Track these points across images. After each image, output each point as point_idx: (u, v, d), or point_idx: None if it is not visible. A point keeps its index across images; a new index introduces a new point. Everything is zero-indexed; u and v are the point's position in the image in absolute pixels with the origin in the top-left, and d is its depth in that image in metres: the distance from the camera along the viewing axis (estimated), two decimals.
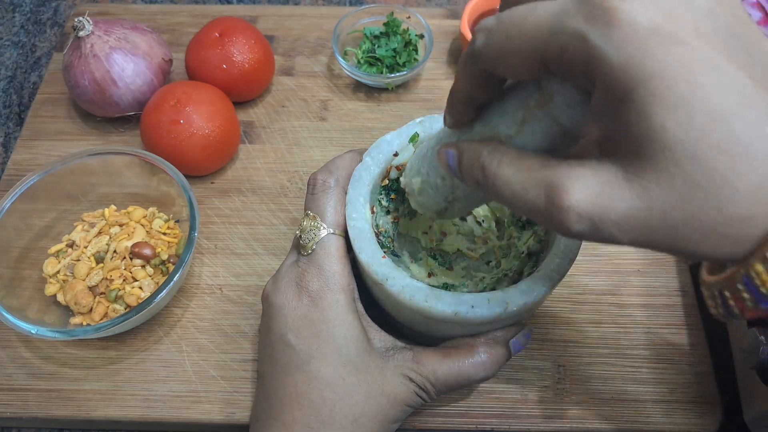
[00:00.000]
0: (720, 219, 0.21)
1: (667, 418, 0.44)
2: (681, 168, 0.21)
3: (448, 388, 0.37)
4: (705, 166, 0.21)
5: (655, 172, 0.22)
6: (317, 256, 0.37)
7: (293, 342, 0.36)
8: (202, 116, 0.51)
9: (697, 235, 0.22)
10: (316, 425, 0.35)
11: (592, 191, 0.23)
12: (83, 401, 0.45)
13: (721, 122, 0.20)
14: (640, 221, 0.23)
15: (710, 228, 0.22)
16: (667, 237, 0.23)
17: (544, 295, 0.34)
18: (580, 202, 0.23)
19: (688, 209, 0.22)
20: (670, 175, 0.21)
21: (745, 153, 0.21)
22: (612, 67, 0.21)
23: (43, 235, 0.49)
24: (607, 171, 0.23)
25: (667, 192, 0.22)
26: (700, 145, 0.21)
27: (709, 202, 0.21)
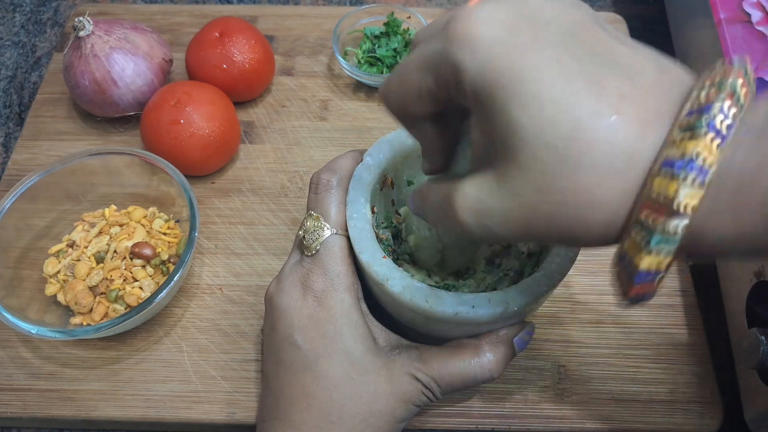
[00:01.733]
0: (580, 204, 0.23)
1: (667, 418, 0.44)
2: (539, 160, 0.23)
3: (453, 389, 0.37)
4: (558, 154, 0.22)
5: (519, 169, 0.24)
6: (321, 256, 0.37)
7: (300, 342, 0.36)
8: (203, 116, 0.51)
9: (567, 222, 0.24)
10: (325, 425, 0.35)
11: (472, 197, 0.26)
12: (83, 401, 0.45)
13: (568, 112, 0.22)
14: (516, 218, 0.25)
15: (575, 215, 0.23)
16: (545, 228, 0.24)
17: (544, 295, 0.34)
18: (465, 207, 0.26)
19: (553, 199, 0.23)
20: (531, 168, 0.23)
21: (592, 139, 0.22)
22: (471, 75, 0.24)
23: (44, 235, 0.49)
24: (484, 177, 0.26)
25: (532, 185, 0.23)
26: (552, 136, 0.22)
27: (567, 189, 0.23)
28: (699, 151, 0.21)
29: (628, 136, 0.22)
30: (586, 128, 0.22)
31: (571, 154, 0.22)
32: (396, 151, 0.40)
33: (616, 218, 0.23)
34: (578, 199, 0.23)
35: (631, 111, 0.22)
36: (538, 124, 0.23)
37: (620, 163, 0.22)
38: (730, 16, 0.50)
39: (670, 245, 0.22)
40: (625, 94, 0.23)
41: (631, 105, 0.22)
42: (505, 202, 0.25)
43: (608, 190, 0.22)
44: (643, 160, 0.22)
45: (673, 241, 0.22)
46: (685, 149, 0.21)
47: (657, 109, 0.23)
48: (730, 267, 0.47)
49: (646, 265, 0.23)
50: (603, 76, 0.23)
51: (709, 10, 0.52)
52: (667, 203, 0.21)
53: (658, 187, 0.21)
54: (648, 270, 0.23)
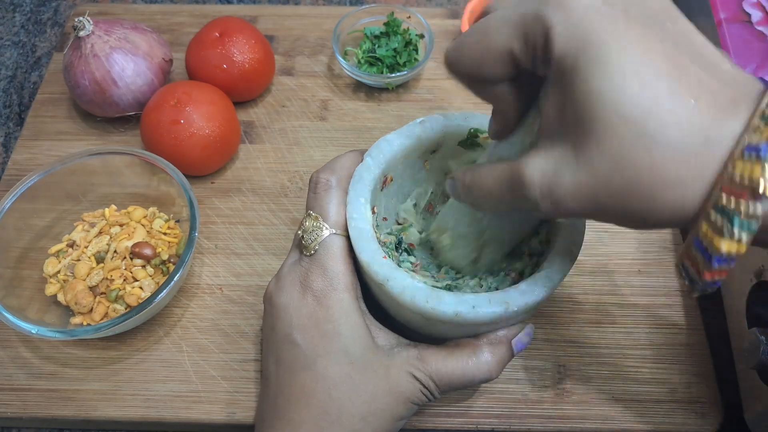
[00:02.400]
0: (653, 180, 0.23)
1: (667, 418, 0.44)
2: (616, 132, 0.23)
3: (451, 388, 0.37)
4: (636, 129, 0.23)
5: (595, 140, 0.24)
6: (320, 256, 0.37)
7: (299, 341, 0.36)
8: (203, 116, 0.51)
9: (638, 199, 0.24)
10: (324, 424, 0.35)
11: (545, 170, 0.26)
12: (83, 401, 0.45)
13: (650, 89, 0.23)
14: (587, 190, 0.25)
15: (648, 192, 0.24)
16: (615, 204, 0.25)
17: (545, 295, 0.34)
18: (538, 181, 0.26)
19: (626, 174, 0.24)
20: (608, 140, 0.24)
21: (670, 119, 0.23)
22: (562, 38, 0.24)
23: (44, 235, 0.49)
24: (558, 149, 0.26)
25: (607, 158, 0.24)
26: (632, 109, 0.23)
27: (642, 164, 0.23)
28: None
29: (705, 120, 0.23)
30: (666, 107, 0.23)
31: (649, 130, 0.23)
32: (396, 151, 0.40)
33: (688, 200, 0.23)
34: (652, 176, 0.23)
35: (710, 98, 0.23)
36: (619, 96, 0.23)
37: (696, 145, 0.23)
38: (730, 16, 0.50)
39: (751, 228, 0.23)
40: (704, 81, 0.23)
41: (710, 93, 0.23)
42: (578, 174, 0.25)
43: (682, 170, 0.23)
44: (720, 145, 0.23)
45: (754, 225, 0.22)
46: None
47: (734, 99, 0.23)
48: None
49: (726, 248, 0.23)
50: (684, 61, 0.24)
51: (709, 10, 0.52)
52: (752, 186, 0.22)
53: (741, 170, 0.22)
54: (728, 254, 0.23)
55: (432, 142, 0.41)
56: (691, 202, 0.23)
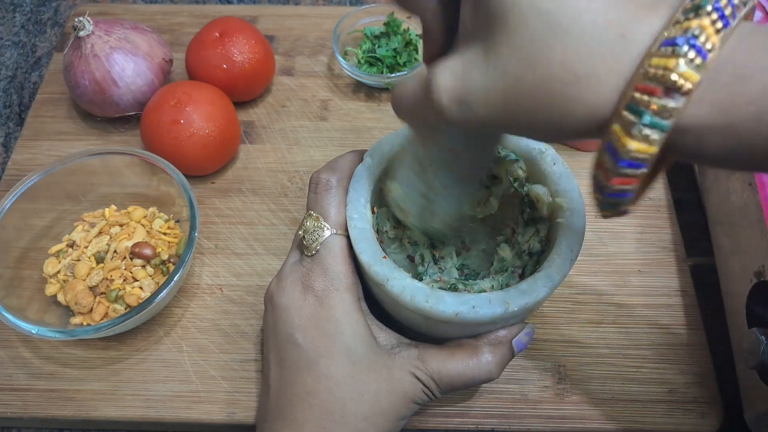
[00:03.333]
0: (566, 77, 0.22)
1: (667, 418, 0.44)
2: (528, 25, 0.22)
3: (452, 388, 0.37)
4: (548, 20, 0.22)
5: (507, 34, 0.23)
6: (321, 256, 0.37)
7: (301, 342, 0.36)
8: (203, 116, 0.51)
9: (551, 100, 0.22)
10: (327, 424, 0.35)
11: (455, 72, 0.24)
12: (83, 401, 0.45)
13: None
14: (497, 91, 0.23)
15: (560, 90, 0.22)
16: (526, 106, 0.23)
17: (545, 295, 0.34)
18: (446, 83, 0.25)
19: (538, 70, 0.22)
20: (519, 35, 0.22)
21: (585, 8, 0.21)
22: None
23: (44, 235, 0.49)
24: (471, 50, 0.24)
25: (518, 53, 0.22)
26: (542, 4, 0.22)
27: (553, 60, 0.22)
28: (702, 30, 0.20)
29: (622, 13, 0.21)
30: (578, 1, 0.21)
31: (562, 22, 0.21)
32: (396, 151, 0.40)
33: (601, 98, 0.22)
34: (564, 71, 0.22)
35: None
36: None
37: (612, 38, 0.21)
38: None
39: (661, 126, 0.21)
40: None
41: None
42: (488, 73, 0.24)
43: (596, 65, 0.22)
44: (637, 41, 0.21)
45: (664, 125, 0.21)
46: (688, 26, 0.21)
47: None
48: (730, 267, 0.47)
49: (635, 146, 0.22)
50: None
51: None
52: (664, 79, 0.20)
53: (657, 63, 0.21)
54: (636, 152, 0.22)
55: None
56: (604, 102, 0.22)
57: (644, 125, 0.21)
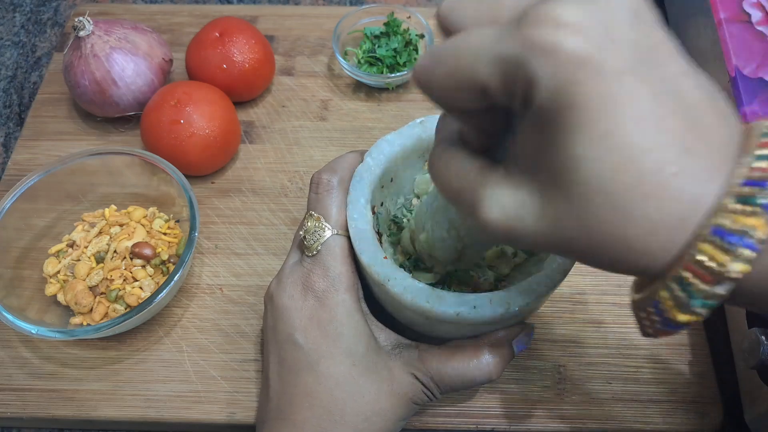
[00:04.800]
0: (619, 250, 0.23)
1: (667, 418, 0.44)
2: (590, 200, 0.22)
3: (452, 389, 0.37)
4: (613, 202, 0.22)
5: (568, 201, 0.23)
6: (322, 256, 0.37)
7: (301, 342, 0.36)
8: (203, 116, 0.51)
9: (601, 260, 0.24)
10: (327, 425, 0.35)
11: (506, 208, 0.25)
12: (83, 401, 0.45)
13: (634, 163, 0.21)
14: (549, 241, 0.24)
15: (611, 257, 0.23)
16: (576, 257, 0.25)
17: (545, 295, 0.34)
18: (496, 216, 0.25)
19: (593, 240, 0.23)
20: (581, 206, 0.22)
21: (649, 194, 0.21)
22: (546, 93, 0.22)
23: (44, 235, 0.49)
24: (525, 190, 0.24)
25: (576, 221, 0.23)
26: (610, 183, 0.21)
27: (611, 235, 0.22)
28: (754, 228, 0.21)
29: (683, 196, 0.21)
30: (647, 181, 0.21)
31: (626, 205, 0.22)
32: (396, 151, 0.40)
33: (651, 267, 0.23)
34: (620, 246, 0.22)
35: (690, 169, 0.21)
36: (600, 167, 0.21)
37: (672, 221, 0.22)
38: (730, 16, 0.50)
39: (709, 307, 0.22)
40: (689, 147, 0.22)
41: (692, 162, 0.22)
42: (541, 225, 0.24)
43: (654, 244, 0.22)
44: (692, 221, 0.22)
45: (713, 304, 0.22)
46: (743, 223, 0.21)
47: (713, 167, 0.22)
48: None
49: (684, 319, 0.23)
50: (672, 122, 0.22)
51: (709, 10, 0.52)
52: (716, 272, 0.21)
53: (707, 253, 0.21)
54: (686, 323, 0.23)
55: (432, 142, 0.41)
56: (653, 270, 0.23)
57: (696, 305, 0.22)
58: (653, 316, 0.24)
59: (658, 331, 0.25)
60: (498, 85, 0.23)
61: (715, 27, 0.51)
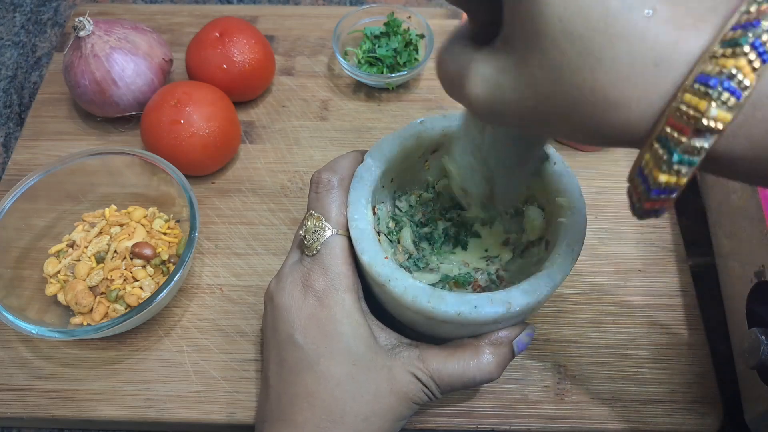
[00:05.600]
0: (596, 101, 0.22)
1: (667, 418, 0.44)
2: (559, 48, 0.22)
3: (452, 388, 0.37)
4: (581, 45, 0.21)
5: (539, 54, 0.23)
6: (322, 256, 0.36)
7: (301, 342, 0.36)
8: (203, 116, 0.51)
9: (580, 117, 0.23)
10: (327, 425, 0.35)
11: (487, 78, 0.25)
12: (83, 401, 0.45)
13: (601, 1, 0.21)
14: (529, 106, 0.24)
15: (590, 112, 0.22)
16: (557, 121, 0.24)
17: (546, 295, 0.34)
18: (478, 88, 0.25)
19: (568, 93, 0.22)
20: (551, 56, 0.22)
21: (618, 34, 0.21)
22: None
23: (44, 235, 0.49)
24: (504, 57, 0.24)
25: (549, 75, 0.22)
26: (577, 24, 0.21)
27: (583, 84, 0.22)
28: (738, 71, 0.20)
29: (660, 39, 0.21)
30: (615, 20, 0.21)
31: (594, 48, 0.21)
32: (396, 151, 0.40)
33: (633, 123, 0.22)
34: (594, 96, 0.22)
35: (669, 11, 0.21)
36: (566, 8, 0.21)
37: (646, 65, 0.21)
38: None
39: (690, 164, 0.21)
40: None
41: (671, 4, 0.21)
42: (519, 87, 0.24)
43: (628, 92, 0.21)
44: (673, 68, 0.21)
45: (694, 161, 0.21)
46: (723, 66, 0.20)
47: (698, 15, 0.21)
48: (730, 267, 0.47)
49: (664, 180, 0.22)
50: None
51: None
52: (695, 121, 0.20)
53: (688, 102, 0.20)
54: (666, 185, 0.22)
55: (432, 142, 0.41)
56: (637, 126, 0.22)
57: (674, 161, 0.21)
58: (639, 186, 0.24)
59: (643, 202, 0.24)
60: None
61: None
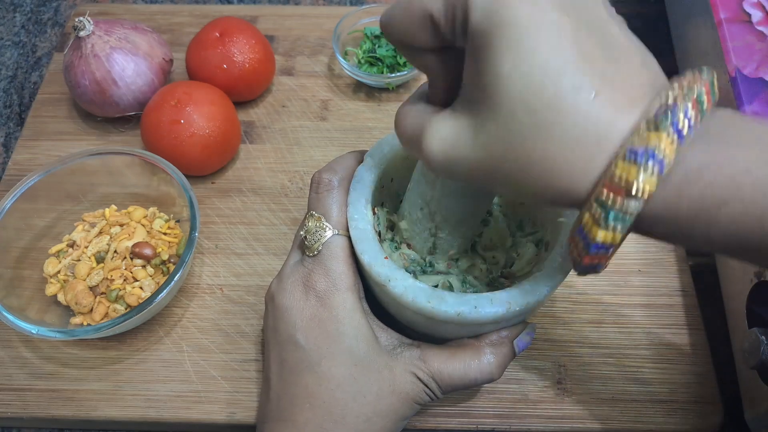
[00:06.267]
0: (544, 170, 0.25)
1: (667, 418, 0.44)
2: (516, 119, 0.25)
3: (453, 389, 0.37)
4: (535, 119, 0.24)
5: (495, 121, 0.25)
6: (323, 256, 0.36)
7: (302, 342, 0.36)
8: (203, 116, 0.51)
9: (528, 182, 0.26)
10: (328, 425, 0.34)
11: (445, 138, 0.27)
12: (84, 401, 0.45)
13: (554, 81, 0.24)
14: (481, 167, 0.27)
15: (537, 177, 0.25)
16: (506, 182, 0.26)
17: (546, 295, 0.34)
18: (435, 147, 0.28)
19: (520, 160, 0.25)
20: (507, 125, 0.25)
21: (568, 112, 0.24)
22: (478, 15, 0.25)
23: (44, 235, 0.49)
24: (463, 118, 0.27)
25: (503, 142, 0.25)
26: (533, 100, 0.24)
27: (534, 153, 0.25)
28: (660, 146, 0.23)
29: (601, 118, 0.24)
30: (566, 100, 0.24)
31: (546, 122, 0.24)
32: (396, 151, 0.40)
33: (575, 190, 0.25)
34: (543, 165, 0.25)
35: (609, 95, 0.24)
36: (524, 85, 0.24)
37: (588, 141, 0.24)
38: (730, 16, 0.50)
39: (624, 223, 0.24)
40: (609, 77, 0.24)
41: (611, 89, 0.24)
42: (474, 149, 0.26)
43: (572, 164, 0.24)
44: (610, 143, 0.24)
45: (627, 220, 0.24)
46: (648, 141, 0.23)
47: (631, 98, 0.24)
48: (730, 267, 0.47)
49: (601, 237, 0.25)
50: (593, 53, 0.24)
51: (709, 10, 0.52)
52: (627, 186, 0.23)
53: (621, 170, 0.23)
54: (603, 242, 0.25)
55: None
56: (577, 192, 0.25)
57: (610, 220, 0.24)
58: (579, 243, 0.26)
59: (583, 257, 0.26)
60: (442, 12, 0.26)
61: (715, 27, 0.51)
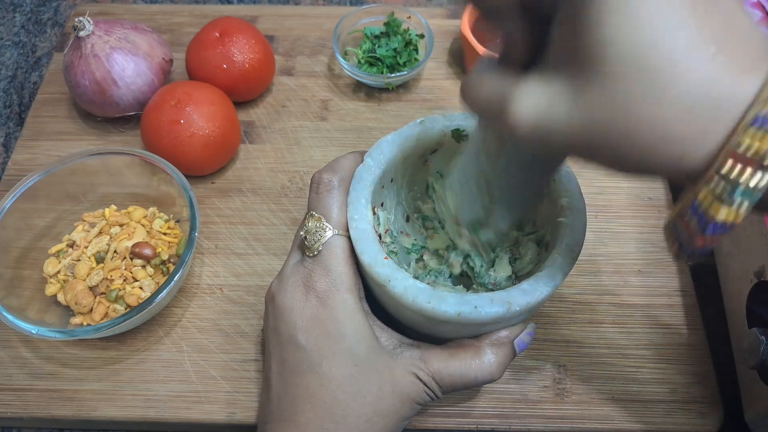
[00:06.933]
0: (656, 136, 0.22)
1: (667, 418, 0.44)
2: (625, 80, 0.22)
3: (453, 389, 0.37)
4: (648, 78, 0.22)
5: (600, 83, 0.22)
6: (323, 257, 0.36)
7: (303, 343, 0.36)
8: (203, 116, 0.51)
9: (635, 150, 0.23)
10: (329, 425, 0.34)
11: (539, 104, 0.24)
12: (83, 401, 0.45)
13: (669, 38, 0.21)
14: (581, 133, 0.24)
15: (647, 145, 0.23)
16: (609, 151, 0.24)
17: (546, 294, 0.34)
18: (528, 113, 0.25)
19: (628, 124, 0.22)
20: (614, 87, 0.22)
21: (683, 71, 0.21)
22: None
23: (44, 235, 0.49)
24: (558, 82, 0.24)
25: (610, 104, 0.22)
26: (645, 59, 0.21)
27: (646, 117, 0.22)
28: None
29: (722, 78, 0.21)
30: (682, 58, 0.21)
31: (660, 82, 0.21)
32: (396, 152, 0.40)
33: (688, 159, 0.22)
34: (654, 130, 0.22)
35: (729, 53, 0.21)
36: (633, 43, 0.21)
37: (708, 104, 0.21)
38: None
39: (751, 199, 0.22)
40: (727, 35, 0.22)
41: (731, 47, 0.21)
42: (573, 116, 0.23)
43: (688, 128, 0.22)
44: (731, 108, 0.21)
45: (755, 196, 0.22)
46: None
47: (756, 59, 0.22)
48: (730, 267, 0.47)
49: (723, 216, 0.22)
50: (708, 10, 0.22)
51: None
52: (758, 157, 0.21)
53: (751, 139, 0.21)
54: (724, 222, 0.22)
55: (432, 142, 0.41)
56: (691, 162, 0.22)
57: (736, 196, 0.22)
58: (692, 221, 0.23)
59: (695, 239, 0.24)
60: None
61: None
